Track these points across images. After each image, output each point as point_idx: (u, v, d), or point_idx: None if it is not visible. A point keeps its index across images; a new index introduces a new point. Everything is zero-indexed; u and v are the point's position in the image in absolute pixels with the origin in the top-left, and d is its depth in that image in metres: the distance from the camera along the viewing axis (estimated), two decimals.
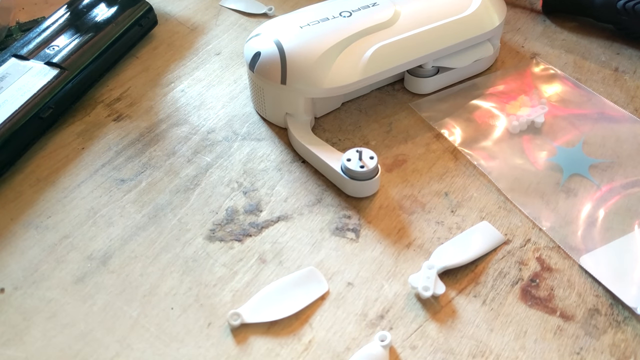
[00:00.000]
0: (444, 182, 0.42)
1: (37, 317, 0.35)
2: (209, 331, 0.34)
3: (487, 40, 0.48)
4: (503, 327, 0.34)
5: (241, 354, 0.33)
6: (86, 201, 0.41)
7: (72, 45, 0.48)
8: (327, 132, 0.46)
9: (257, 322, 0.34)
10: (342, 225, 0.39)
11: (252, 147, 0.45)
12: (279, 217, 0.40)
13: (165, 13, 0.58)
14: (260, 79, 0.44)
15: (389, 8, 0.46)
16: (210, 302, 0.35)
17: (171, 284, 0.36)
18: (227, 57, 0.53)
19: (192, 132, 0.46)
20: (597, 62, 0.51)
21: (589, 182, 0.41)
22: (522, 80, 0.49)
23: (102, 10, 0.52)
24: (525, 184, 0.41)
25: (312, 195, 0.41)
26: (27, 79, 0.45)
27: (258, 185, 0.42)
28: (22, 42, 0.49)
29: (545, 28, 0.55)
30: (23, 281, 0.36)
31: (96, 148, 0.45)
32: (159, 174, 0.43)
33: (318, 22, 0.44)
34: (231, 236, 0.39)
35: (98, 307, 0.35)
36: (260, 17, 0.57)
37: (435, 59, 0.47)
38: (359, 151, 0.40)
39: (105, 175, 0.43)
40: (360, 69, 0.43)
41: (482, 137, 0.45)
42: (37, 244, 0.38)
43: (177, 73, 0.51)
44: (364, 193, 0.41)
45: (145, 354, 0.33)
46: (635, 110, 0.47)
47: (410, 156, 0.44)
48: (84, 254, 0.38)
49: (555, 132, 0.45)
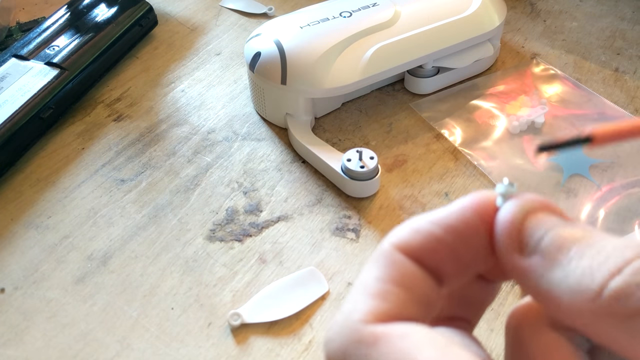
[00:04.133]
0: (444, 183, 0.42)
1: (38, 317, 0.35)
2: (209, 331, 0.34)
3: (488, 40, 0.48)
4: (503, 327, 0.34)
5: (241, 354, 0.33)
6: (86, 201, 0.41)
7: (72, 46, 0.48)
8: (327, 132, 0.46)
9: (257, 322, 0.34)
10: (342, 226, 0.39)
11: (252, 147, 0.45)
12: (279, 217, 0.40)
13: (166, 13, 0.58)
14: (260, 79, 0.44)
15: (389, 8, 0.46)
16: (210, 302, 0.35)
17: (171, 284, 0.36)
18: (227, 57, 0.53)
19: (192, 132, 0.46)
20: (597, 62, 0.51)
21: (589, 182, 0.41)
22: (523, 81, 0.49)
23: (103, 10, 0.52)
24: (525, 184, 0.41)
25: (312, 195, 0.41)
26: (28, 79, 0.45)
27: (258, 185, 0.42)
28: (23, 42, 0.49)
29: (546, 28, 0.55)
30: (23, 281, 0.36)
31: (96, 148, 0.45)
32: (159, 174, 0.43)
33: (318, 23, 0.44)
34: (231, 236, 0.39)
35: (98, 307, 0.35)
36: (261, 17, 0.57)
37: (435, 59, 0.46)
38: (359, 151, 0.40)
39: (105, 176, 0.43)
40: (361, 69, 0.43)
41: (482, 137, 0.45)
42: (38, 244, 0.38)
43: (177, 73, 0.51)
44: (364, 193, 0.40)
45: (145, 354, 0.33)
46: (635, 110, 0.47)
47: (411, 156, 0.44)
48: (84, 254, 0.38)
49: (555, 132, 0.45)
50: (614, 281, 0.13)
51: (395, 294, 0.16)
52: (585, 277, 0.14)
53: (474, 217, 0.17)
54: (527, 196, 0.16)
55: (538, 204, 0.16)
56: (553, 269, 0.15)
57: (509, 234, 0.16)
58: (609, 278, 0.14)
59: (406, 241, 0.16)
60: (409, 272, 0.16)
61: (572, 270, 0.14)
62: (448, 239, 0.16)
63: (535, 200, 0.16)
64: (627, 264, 0.14)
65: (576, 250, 0.15)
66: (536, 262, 0.15)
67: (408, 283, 0.16)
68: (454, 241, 0.16)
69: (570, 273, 0.14)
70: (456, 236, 0.16)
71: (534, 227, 0.16)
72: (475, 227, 0.17)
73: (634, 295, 0.13)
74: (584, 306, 0.14)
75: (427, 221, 0.17)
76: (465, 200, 0.17)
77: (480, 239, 0.17)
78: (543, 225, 0.16)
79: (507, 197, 0.17)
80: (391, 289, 0.16)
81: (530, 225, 0.16)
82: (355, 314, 0.15)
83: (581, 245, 0.15)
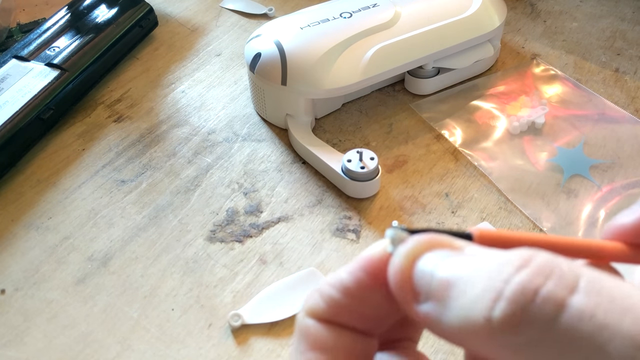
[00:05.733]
0: (445, 183, 0.42)
1: (38, 318, 0.35)
2: (209, 332, 0.34)
3: (488, 41, 0.48)
4: None
5: (242, 355, 0.33)
6: (87, 202, 0.41)
7: (72, 47, 0.48)
8: (327, 133, 0.46)
9: (258, 323, 0.34)
10: (342, 226, 0.39)
11: (252, 148, 0.45)
12: (279, 218, 0.40)
13: (166, 14, 0.58)
14: (260, 80, 0.44)
15: (390, 9, 0.46)
16: (211, 303, 0.35)
17: (172, 285, 0.36)
18: (228, 58, 0.53)
19: (192, 133, 0.46)
20: (597, 62, 0.51)
21: (589, 182, 0.41)
22: (523, 81, 0.49)
23: (103, 11, 0.52)
24: (525, 185, 0.41)
25: (313, 196, 0.41)
26: (28, 80, 0.45)
27: (258, 186, 0.42)
28: (23, 43, 0.49)
29: (546, 29, 0.55)
30: (24, 282, 0.36)
31: (97, 149, 0.45)
32: (160, 175, 0.43)
33: (318, 23, 0.44)
34: (232, 237, 0.39)
35: (99, 308, 0.35)
36: (261, 18, 0.57)
37: (435, 60, 0.46)
38: (359, 152, 0.40)
39: (105, 176, 0.43)
40: (361, 70, 0.43)
41: (482, 138, 0.45)
42: (38, 245, 0.38)
43: (177, 74, 0.52)
44: (364, 194, 0.40)
45: (145, 355, 0.33)
46: (635, 111, 0.47)
47: (411, 157, 0.44)
48: (85, 255, 0.38)
49: (555, 132, 0.45)
50: (497, 309, 0.13)
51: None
52: (472, 310, 0.13)
53: (365, 277, 0.17)
54: (414, 238, 0.16)
55: (424, 244, 0.16)
56: (446, 310, 0.14)
57: (401, 285, 0.15)
58: (492, 305, 0.13)
59: (313, 308, 0.17)
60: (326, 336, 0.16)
61: (459, 306, 0.14)
62: (345, 301, 0.17)
63: (421, 240, 0.16)
64: (505, 284, 0.13)
65: (461, 283, 0.14)
66: (431, 308, 0.15)
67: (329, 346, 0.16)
68: (352, 303, 0.17)
69: (459, 309, 0.14)
70: (352, 298, 0.17)
71: (422, 272, 0.15)
72: (368, 286, 0.16)
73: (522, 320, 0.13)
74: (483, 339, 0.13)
75: (328, 285, 0.17)
76: (357, 260, 0.17)
77: (379, 295, 0.16)
78: (429, 267, 0.15)
79: (397, 242, 0.16)
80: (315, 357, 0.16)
81: (418, 270, 0.15)
82: None
83: (464, 276, 0.14)
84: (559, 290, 0.13)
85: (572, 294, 0.13)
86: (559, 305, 0.12)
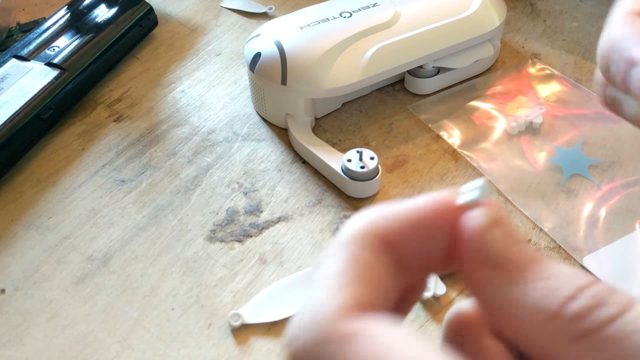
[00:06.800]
0: (445, 183, 0.42)
1: (38, 318, 0.35)
2: (209, 332, 0.34)
3: (488, 40, 0.48)
4: None
5: (242, 355, 0.33)
6: (87, 202, 0.41)
7: (72, 46, 0.48)
8: (327, 132, 0.46)
9: (258, 322, 0.34)
10: (342, 226, 0.39)
11: (252, 147, 0.45)
12: (279, 218, 0.40)
13: (166, 14, 0.58)
14: (260, 79, 0.44)
15: (390, 8, 0.46)
16: (210, 303, 0.35)
17: (172, 285, 0.36)
18: (228, 57, 0.53)
19: (192, 132, 0.46)
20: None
21: (589, 182, 0.41)
22: (520, 81, 0.49)
23: (103, 11, 0.52)
24: (525, 185, 0.41)
25: (313, 195, 0.41)
26: (28, 79, 0.45)
27: (258, 185, 0.42)
28: (23, 42, 0.49)
29: (546, 28, 0.55)
30: (24, 282, 0.36)
31: (97, 149, 0.45)
32: (160, 174, 0.43)
33: (318, 23, 0.44)
34: (232, 237, 0.39)
35: (99, 307, 0.35)
36: (261, 18, 0.57)
37: (435, 60, 0.46)
38: (359, 152, 0.40)
39: (105, 176, 0.43)
40: (361, 70, 0.43)
41: (481, 139, 0.45)
42: (38, 244, 0.38)
43: (177, 74, 0.52)
44: (364, 194, 0.41)
45: (145, 354, 0.33)
46: None
47: (411, 157, 0.44)
48: (85, 254, 0.38)
49: (554, 132, 0.45)
50: (572, 305, 0.15)
51: (362, 286, 0.15)
52: (544, 298, 0.15)
53: (443, 214, 0.17)
54: (492, 205, 0.17)
55: (503, 218, 0.17)
56: (512, 286, 0.16)
57: (477, 243, 0.16)
58: (567, 302, 0.15)
59: (381, 227, 0.16)
60: (372, 263, 0.16)
61: (531, 289, 0.15)
62: (408, 229, 0.16)
63: (500, 213, 0.17)
64: (581, 291, 0.15)
65: (534, 271, 0.16)
66: (497, 276, 0.16)
67: (372, 275, 0.16)
68: (411, 235, 0.16)
69: (530, 292, 0.15)
70: (414, 230, 0.16)
71: (499, 241, 0.16)
72: (442, 223, 0.17)
73: (588, 318, 0.15)
74: (539, 324, 0.15)
75: (402, 208, 0.17)
76: (435, 195, 0.17)
77: (444, 237, 0.17)
78: (506, 241, 0.16)
79: (473, 203, 0.17)
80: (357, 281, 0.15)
81: (495, 238, 0.16)
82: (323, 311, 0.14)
83: (537, 267, 0.16)
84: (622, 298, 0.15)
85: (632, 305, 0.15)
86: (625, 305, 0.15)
